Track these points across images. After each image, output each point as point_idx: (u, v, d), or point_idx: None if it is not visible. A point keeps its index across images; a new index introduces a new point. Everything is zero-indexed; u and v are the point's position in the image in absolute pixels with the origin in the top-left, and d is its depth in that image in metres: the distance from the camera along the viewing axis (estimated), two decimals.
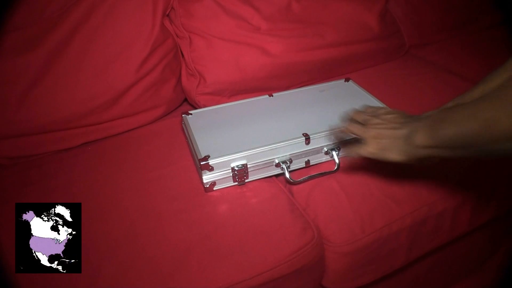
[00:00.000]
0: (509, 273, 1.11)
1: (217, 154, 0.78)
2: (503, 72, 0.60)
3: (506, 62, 0.60)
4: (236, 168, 0.78)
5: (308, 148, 0.83)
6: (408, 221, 0.79)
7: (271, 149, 0.80)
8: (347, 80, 1.05)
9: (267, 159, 0.81)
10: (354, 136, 0.71)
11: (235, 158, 0.78)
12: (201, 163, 0.76)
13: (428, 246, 0.86)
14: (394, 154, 0.62)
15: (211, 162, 0.77)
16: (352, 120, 0.72)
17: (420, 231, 0.81)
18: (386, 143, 0.63)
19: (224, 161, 0.78)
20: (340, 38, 1.13)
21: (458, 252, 1.03)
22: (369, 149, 0.65)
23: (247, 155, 0.79)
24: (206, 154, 0.78)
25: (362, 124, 0.69)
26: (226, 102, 1.00)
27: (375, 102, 0.93)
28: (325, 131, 0.82)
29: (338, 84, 1.03)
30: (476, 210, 0.87)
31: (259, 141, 0.81)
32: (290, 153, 0.82)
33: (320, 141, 0.83)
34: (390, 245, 0.79)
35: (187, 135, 0.88)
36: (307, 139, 0.82)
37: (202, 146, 0.81)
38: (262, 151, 0.80)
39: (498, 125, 0.46)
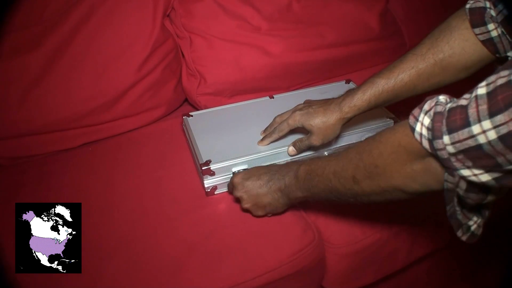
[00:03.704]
0: (510, 274, 1.10)
1: (219, 159, 0.78)
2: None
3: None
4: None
5: (309, 153, 0.83)
6: (408, 223, 0.79)
7: (272, 154, 0.80)
8: (347, 81, 1.04)
9: (268, 164, 0.81)
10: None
11: (236, 163, 0.78)
12: (203, 168, 0.76)
13: (428, 247, 0.86)
14: (278, 208, 0.72)
15: (212, 167, 0.77)
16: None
17: (420, 232, 0.81)
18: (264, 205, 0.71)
19: (225, 166, 0.78)
20: (341, 38, 1.12)
21: (459, 253, 1.02)
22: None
23: (248, 160, 0.79)
24: (207, 159, 0.78)
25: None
26: (227, 102, 1.00)
27: None
28: None
29: (339, 86, 1.03)
30: None
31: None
32: (290, 158, 0.82)
33: (320, 147, 0.82)
34: (390, 246, 0.79)
35: (188, 137, 0.88)
36: None
37: (204, 150, 0.80)
38: (263, 156, 0.80)
39: (344, 173, 0.55)
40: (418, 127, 0.43)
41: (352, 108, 0.71)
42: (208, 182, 0.78)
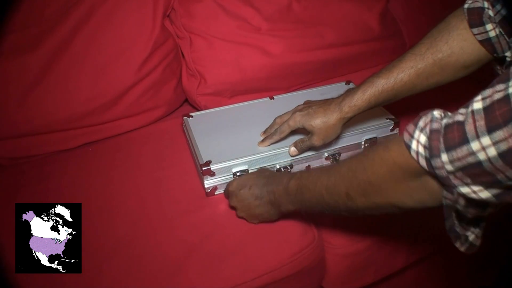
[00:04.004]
0: (509, 275, 1.10)
1: (219, 159, 0.78)
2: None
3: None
4: (238, 174, 0.78)
5: (309, 154, 0.83)
6: (408, 223, 0.79)
7: (272, 155, 0.80)
8: (347, 82, 1.04)
9: (268, 164, 0.81)
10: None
11: (236, 164, 0.78)
12: (203, 169, 0.76)
13: (428, 248, 0.86)
14: (270, 219, 0.72)
15: (212, 167, 0.77)
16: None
17: (420, 233, 0.81)
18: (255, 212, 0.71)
19: (225, 167, 0.78)
20: (341, 39, 1.12)
21: (459, 254, 1.02)
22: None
23: (248, 161, 0.79)
24: (207, 159, 0.78)
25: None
26: (227, 103, 1.00)
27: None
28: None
29: (339, 87, 1.03)
30: None
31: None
32: (291, 158, 0.82)
33: (321, 147, 0.83)
34: (390, 247, 0.79)
35: (188, 138, 0.88)
36: None
37: (204, 151, 0.81)
38: (263, 157, 0.80)
39: (337, 189, 0.55)
40: (414, 145, 0.43)
41: (352, 108, 0.71)
42: (208, 182, 0.78)
